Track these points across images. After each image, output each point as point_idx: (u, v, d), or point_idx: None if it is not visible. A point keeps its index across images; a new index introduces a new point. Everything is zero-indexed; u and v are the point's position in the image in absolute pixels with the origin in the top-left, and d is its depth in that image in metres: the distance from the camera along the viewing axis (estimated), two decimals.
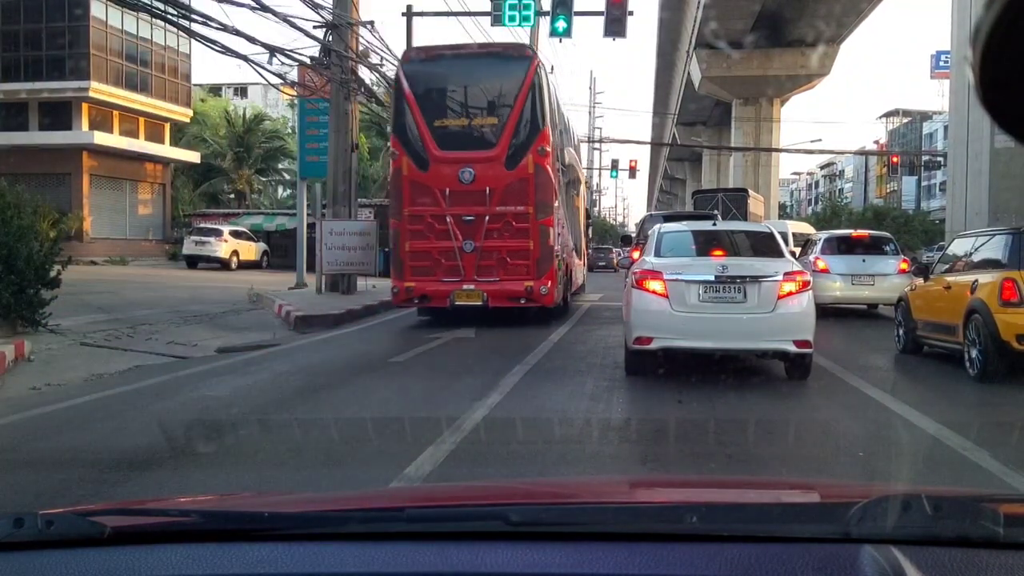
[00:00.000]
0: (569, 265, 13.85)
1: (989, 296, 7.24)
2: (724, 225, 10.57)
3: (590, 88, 65.73)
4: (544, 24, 17.46)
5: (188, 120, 35.94)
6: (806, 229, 20.81)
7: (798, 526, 1.28)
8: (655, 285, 6.99)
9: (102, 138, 30.13)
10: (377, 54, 18.23)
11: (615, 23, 16.40)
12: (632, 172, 49.59)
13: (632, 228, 58.95)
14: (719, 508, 1.48)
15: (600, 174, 59.15)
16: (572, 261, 14.62)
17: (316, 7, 14.86)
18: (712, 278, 6.88)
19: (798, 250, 13.68)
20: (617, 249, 37.55)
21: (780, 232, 9.14)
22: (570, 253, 14.21)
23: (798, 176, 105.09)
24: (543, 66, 11.71)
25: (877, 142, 77.95)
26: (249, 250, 28.95)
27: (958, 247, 8.89)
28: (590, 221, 23.78)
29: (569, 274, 13.90)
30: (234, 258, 28.01)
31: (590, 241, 25.46)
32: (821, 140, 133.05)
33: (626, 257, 21.33)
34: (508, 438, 5.34)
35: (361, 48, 16.77)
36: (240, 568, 1.15)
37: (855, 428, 5.65)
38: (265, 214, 33.66)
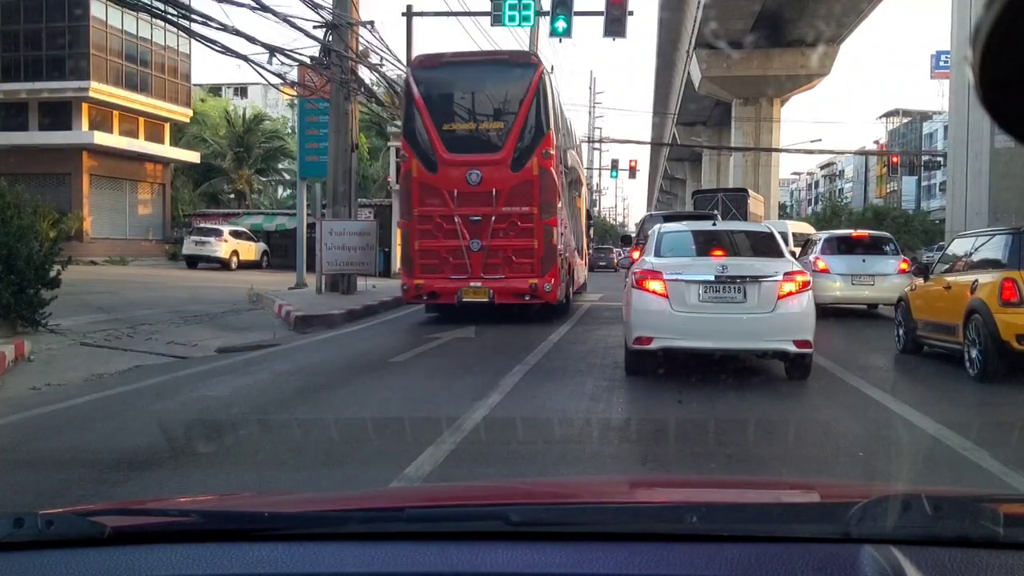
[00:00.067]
0: (571, 264, 14.12)
1: (989, 296, 7.24)
2: (724, 225, 10.58)
3: (590, 88, 65.81)
4: (544, 24, 17.46)
5: (188, 120, 35.95)
6: (806, 229, 20.81)
7: (798, 526, 1.28)
8: (655, 285, 6.99)
9: (102, 138, 30.13)
10: (377, 54, 18.23)
11: (615, 23, 16.39)
12: (632, 172, 49.62)
13: (632, 228, 58.96)
14: (719, 508, 1.48)
15: (600, 174, 59.21)
16: (574, 260, 14.91)
17: (316, 7, 14.87)
18: (712, 278, 6.88)
19: (798, 250, 13.68)
20: (617, 249, 37.56)
21: (780, 232, 9.14)
22: (572, 252, 14.48)
23: (798, 176, 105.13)
24: (548, 73, 12.05)
25: (877, 142, 77.96)
26: (249, 250, 28.97)
27: (958, 247, 8.89)
28: (591, 222, 24.01)
29: (571, 273, 14.19)
30: (234, 258, 28.02)
31: (591, 241, 25.67)
32: (821, 140, 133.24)
33: (626, 257, 21.34)
34: (508, 438, 5.34)
35: (361, 48, 16.77)
36: (240, 568, 1.15)
37: (855, 428, 5.65)
38: (265, 214, 33.68)
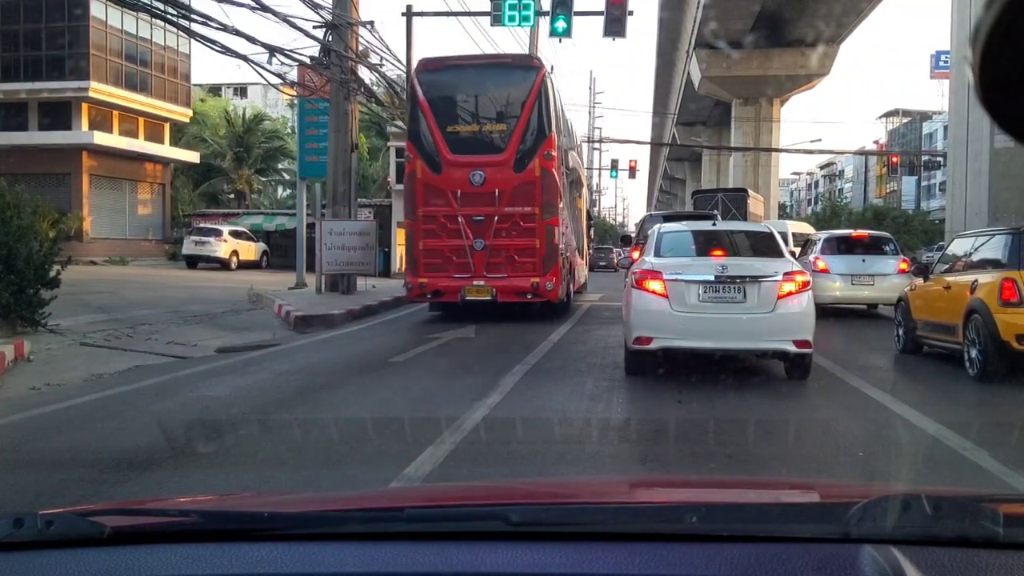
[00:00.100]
0: (572, 263, 14.32)
1: (989, 296, 7.24)
2: (724, 225, 10.58)
3: (590, 88, 65.77)
4: (544, 24, 17.45)
5: (188, 120, 35.95)
6: (806, 229, 20.80)
7: (798, 526, 1.28)
8: (655, 285, 6.99)
9: (102, 138, 30.13)
10: (377, 54, 18.25)
11: (615, 23, 16.38)
12: (632, 172, 49.60)
13: (632, 228, 58.94)
14: (719, 508, 1.48)
15: (600, 174, 59.17)
16: (575, 260, 15.11)
17: (316, 7, 14.88)
18: (712, 278, 6.88)
19: (798, 250, 13.68)
20: (617, 249, 37.58)
21: (780, 232, 9.14)
22: (573, 252, 14.67)
23: (798, 176, 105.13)
24: (550, 76, 12.26)
25: (877, 142, 77.97)
26: (249, 250, 28.97)
27: (958, 247, 8.89)
28: (591, 222, 24.10)
29: (572, 272, 14.39)
30: (234, 258, 28.03)
31: (591, 241, 25.77)
32: (821, 140, 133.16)
33: (626, 257, 21.36)
34: (508, 438, 5.34)
35: (361, 48, 16.77)
36: (240, 568, 1.15)
37: (855, 428, 5.65)
38: (265, 214, 33.68)
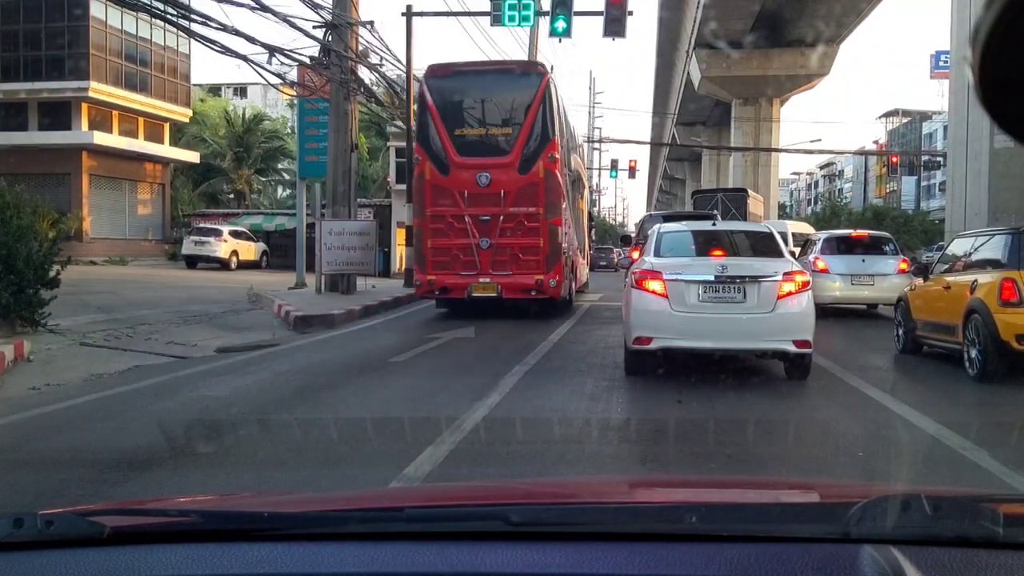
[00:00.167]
0: (574, 262, 14.66)
1: (989, 296, 7.24)
2: (724, 225, 10.57)
3: (590, 88, 65.74)
4: (544, 24, 17.46)
5: (188, 120, 35.96)
6: (806, 229, 20.80)
7: (798, 526, 1.28)
8: (655, 285, 6.99)
9: (102, 138, 30.13)
10: (377, 54, 18.26)
11: (615, 23, 16.38)
12: (632, 172, 49.63)
13: (632, 228, 58.95)
14: (719, 508, 1.48)
15: (600, 174, 59.10)
16: (577, 259, 15.45)
17: (316, 7, 14.88)
18: (712, 278, 6.88)
19: (798, 250, 13.68)
20: (618, 249, 37.61)
21: (780, 232, 9.14)
22: (575, 251, 14.97)
23: (798, 176, 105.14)
24: (554, 82, 12.65)
25: (877, 142, 77.97)
26: (249, 250, 28.97)
27: (958, 247, 8.89)
28: (592, 223, 24.33)
29: (574, 271, 14.72)
30: (234, 258, 28.03)
31: (592, 242, 25.97)
32: (821, 140, 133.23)
33: (626, 257, 21.36)
34: (508, 438, 5.34)
35: (361, 48, 16.77)
36: (240, 568, 1.15)
37: (855, 428, 5.65)
38: (265, 214, 33.68)
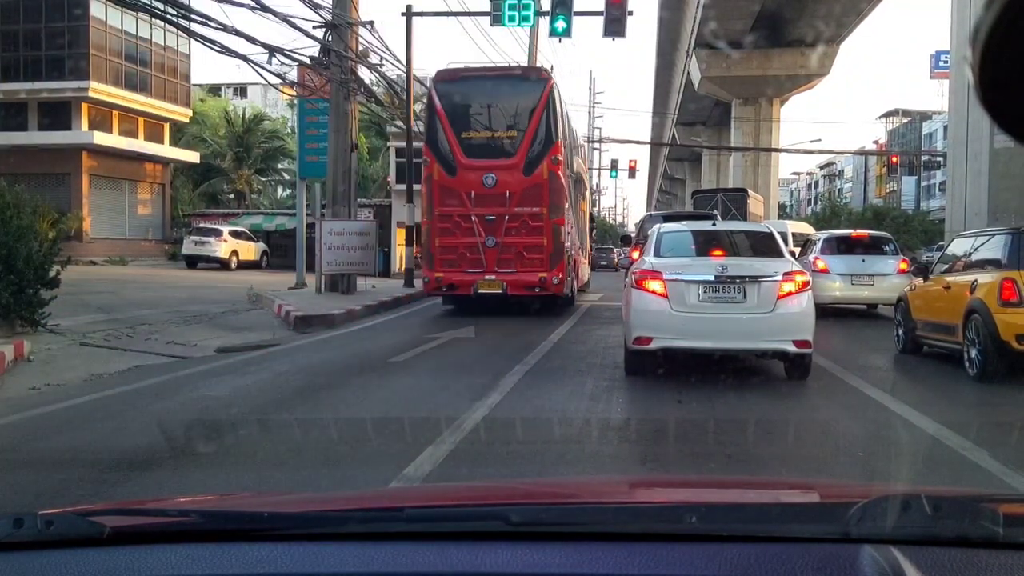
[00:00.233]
0: (577, 261, 15.04)
1: (988, 296, 7.24)
2: (724, 225, 10.58)
3: (590, 88, 65.71)
4: (544, 24, 17.45)
5: (188, 120, 35.95)
6: (806, 229, 20.79)
7: (798, 526, 1.28)
8: (655, 285, 6.99)
9: (101, 138, 30.12)
10: (377, 54, 18.26)
11: (614, 23, 16.37)
12: (632, 172, 49.63)
13: (632, 228, 58.95)
14: (719, 508, 1.48)
15: (600, 174, 59.07)
16: (579, 258, 15.80)
17: (316, 7, 14.87)
18: (712, 278, 6.88)
19: (798, 250, 13.68)
20: (618, 249, 37.64)
21: (780, 232, 9.14)
22: (577, 251, 15.31)
23: (798, 176, 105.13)
24: (557, 87, 13.07)
25: (877, 142, 77.96)
26: (249, 250, 28.97)
27: (957, 247, 8.89)
28: (594, 224, 24.67)
29: (576, 269, 15.08)
30: (234, 258, 28.03)
31: (593, 243, 26.20)
32: (821, 140, 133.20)
33: (626, 257, 21.37)
34: (508, 438, 5.34)
35: (361, 48, 16.77)
36: (240, 568, 1.15)
37: (855, 428, 5.65)
38: (265, 214, 33.68)
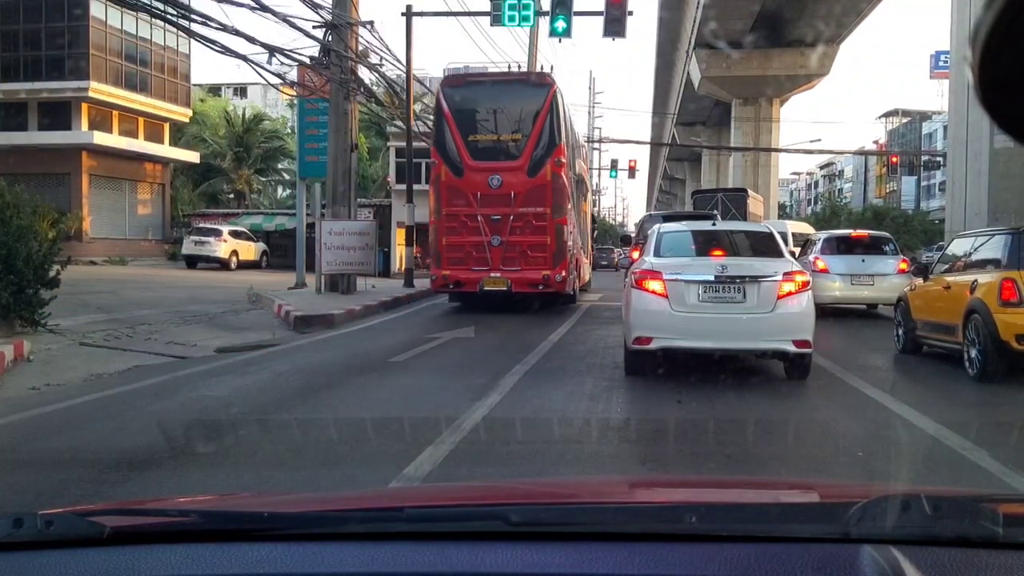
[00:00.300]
0: (578, 260, 15.38)
1: (988, 296, 7.24)
2: (723, 225, 10.57)
3: (589, 88, 65.68)
4: (544, 24, 17.45)
5: (187, 120, 35.94)
6: (805, 229, 20.78)
7: (798, 526, 1.28)
8: (655, 285, 6.99)
9: (101, 138, 30.11)
10: (377, 54, 18.25)
11: (614, 23, 16.36)
12: (631, 172, 49.65)
13: (632, 228, 58.96)
14: (719, 508, 1.48)
15: (600, 174, 59.08)
16: (581, 258, 16.12)
17: (316, 7, 14.87)
18: (711, 278, 6.88)
19: (798, 250, 13.68)
20: (618, 249, 37.66)
21: (779, 232, 9.14)
22: (579, 250, 15.64)
23: (798, 176, 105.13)
24: (560, 91, 13.48)
25: (876, 142, 77.97)
26: (248, 250, 28.97)
27: (957, 247, 8.89)
28: (595, 225, 24.95)
29: (578, 268, 15.40)
30: (233, 258, 28.03)
31: (595, 243, 26.46)
32: (820, 140, 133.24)
33: (626, 257, 21.39)
34: (508, 438, 5.33)
35: (361, 48, 16.77)
36: (240, 568, 1.15)
37: (855, 428, 5.65)
38: (265, 214, 33.68)
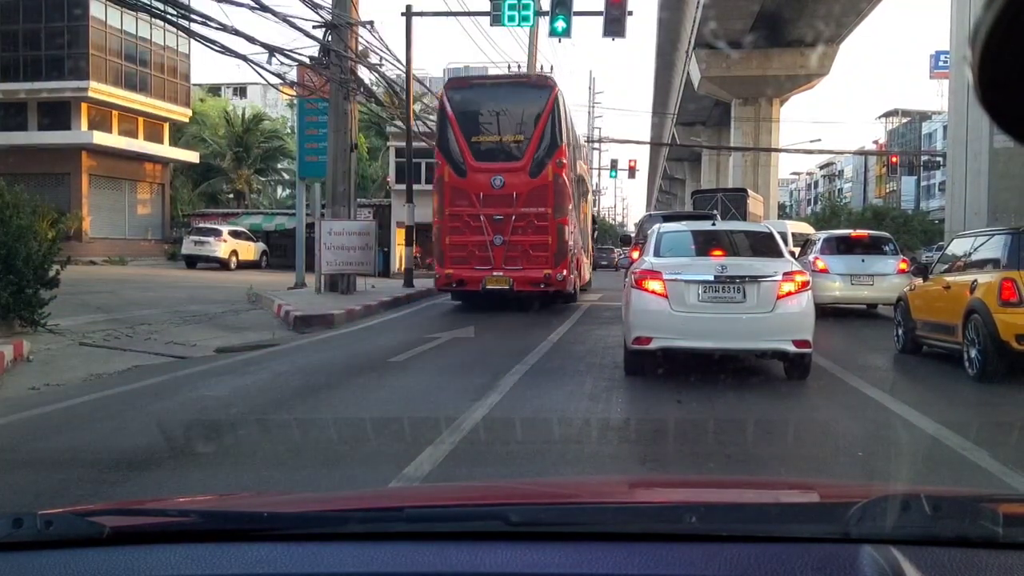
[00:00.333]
0: (579, 260, 15.60)
1: (988, 296, 7.24)
2: (723, 225, 10.57)
3: (589, 88, 65.65)
4: (544, 24, 17.45)
5: (187, 120, 35.93)
6: (805, 229, 20.79)
7: (797, 526, 1.27)
8: (654, 285, 6.99)
9: (101, 138, 30.10)
10: (377, 54, 18.26)
11: (614, 23, 16.36)
12: (631, 172, 49.72)
13: (631, 228, 58.95)
14: (718, 508, 1.48)
15: (599, 174, 59.07)
16: (581, 257, 16.35)
17: (316, 7, 14.87)
18: (711, 278, 6.88)
19: (797, 250, 13.69)
20: (618, 249, 37.67)
21: (779, 232, 9.14)
22: (580, 250, 15.86)
23: (797, 176, 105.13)
24: (562, 93, 13.75)
25: (876, 142, 77.98)
26: (248, 250, 28.97)
27: (957, 247, 8.89)
28: (595, 226, 25.18)
29: (579, 268, 15.60)
30: (233, 258, 28.02)
31: (595, 243, 26.61)
32: (820, 140, 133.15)
33: (626, 257, 21.41)
34: (507, 438, 5.33)
35: (361, 48, 16.77)
36: (239, 568, 1.15)
37: (854, 428, 5.65)
38: (264, 214, 33.68)
